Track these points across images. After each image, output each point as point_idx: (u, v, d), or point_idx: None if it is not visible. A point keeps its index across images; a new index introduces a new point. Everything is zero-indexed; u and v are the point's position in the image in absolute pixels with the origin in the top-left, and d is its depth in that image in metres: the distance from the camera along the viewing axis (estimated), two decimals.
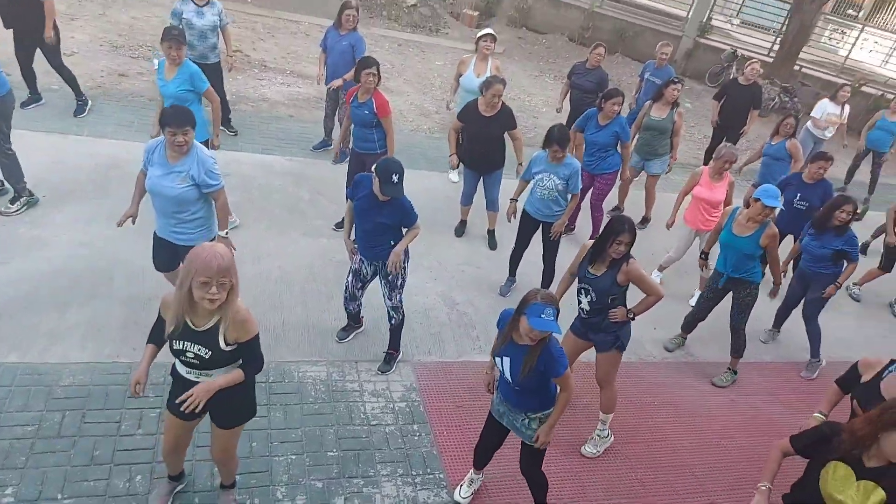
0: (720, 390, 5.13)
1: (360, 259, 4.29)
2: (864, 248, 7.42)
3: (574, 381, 3.28)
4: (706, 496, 4.17)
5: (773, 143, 6.85)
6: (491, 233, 6.38)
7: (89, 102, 6.73)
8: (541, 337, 2.99)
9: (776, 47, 14.06)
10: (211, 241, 4.00)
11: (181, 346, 2.72)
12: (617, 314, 3.95)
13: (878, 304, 6.96)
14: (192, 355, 2.73)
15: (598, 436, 4.31)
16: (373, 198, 4.01)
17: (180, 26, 5.99)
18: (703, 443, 4.59)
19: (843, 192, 6.12)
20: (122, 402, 3.80)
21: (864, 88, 13.34)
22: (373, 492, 3.67)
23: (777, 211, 4.67)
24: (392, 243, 4.13)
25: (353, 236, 4.35)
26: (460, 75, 6.86)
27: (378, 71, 5.29)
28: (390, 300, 4.34)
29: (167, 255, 4.11)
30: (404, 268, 4.26)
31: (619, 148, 6.18)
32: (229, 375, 2.81)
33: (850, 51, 15.06)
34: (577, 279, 4.05)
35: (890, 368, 3.43)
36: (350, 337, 4.73)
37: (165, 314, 2.78)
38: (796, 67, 13.63)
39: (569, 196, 5.17)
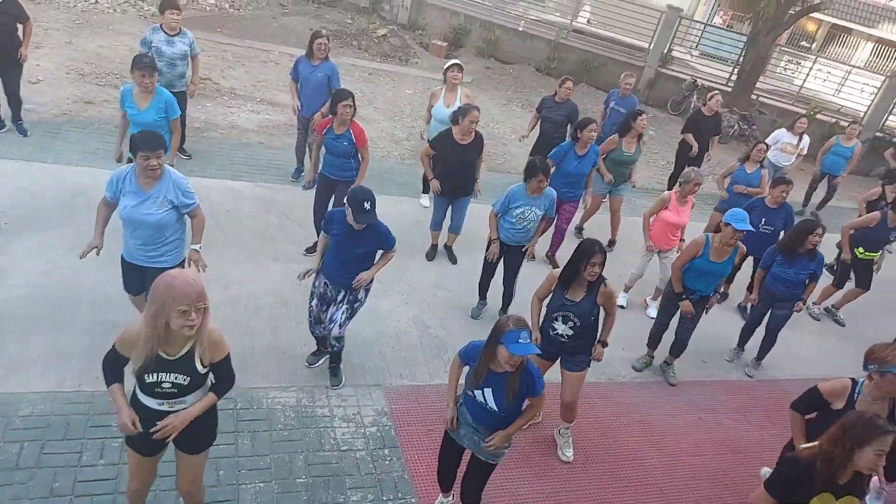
0: (687, 410, 5.20)
1: (325, 283, 4.29)
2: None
3: (544, 402, 3.32)
4: None
5: (749, 172, 7.02)
6: (449, 249, 6.52)
7: (5, 127, 6.60)
8: (521, 361, 3.01)
9: (734, 77, 14.60)
10: (180, 263, 3.99)
11: (155, 378, 2.66)
12: (600, 353, 4.15)
13: (836, 325, 7.17)
14: (170, 385, 2.68)
15: (565, 439, 4.47)
16: (349, 229, 4.04)
17: (150, 54, 5.99)
18: (672, 461, 4.64)
19: (807, 217, 6.26)
20: (83, 433, 3.71)
21: (818, 116, 13.90)
22: None
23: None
24: (365, 268, 4.18)
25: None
26: (431, 107, 6.95)
27: (354, 102, 5.36)
28: (340, 329, 4.27)
29: (137, 278, 4.06)
30: (365, 291, 4.31)
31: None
32: (204, 401, 2.79)
33: (804, 81, 15.69)
34: (549, 309, 4.09)
35: (857, 390, 3.52)
36: (320, 362, 4.69)
37: (127, 352, 2.70)
38: (754, 96, 14.16)
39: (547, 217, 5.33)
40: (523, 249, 5.38)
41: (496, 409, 3.15)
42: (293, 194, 6.86)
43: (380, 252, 4.26)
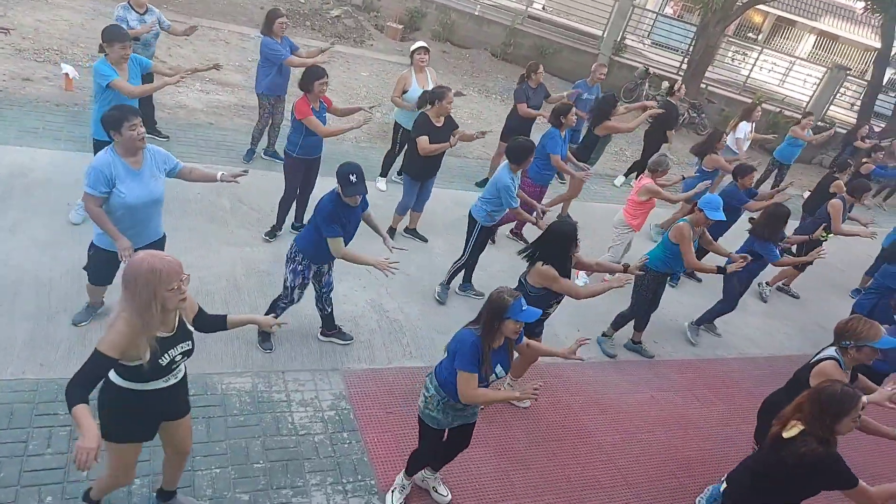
0: (639, 389, 5.34)
1: (317, 269, 4.45)
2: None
3: None
4: (630, 487, 4.32)
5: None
6: (414, 230, 6.56)
7: None
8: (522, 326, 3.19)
9: (684, 66, 14.93)
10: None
11: (168, 357, 2.65)
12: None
13: (782, 304, 7.47)
14: (181, 356, 2.74)
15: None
16: (350, 209, 4.17)
17: None
18: (626, 438, 4.76)
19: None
20: (28, 422, 3.55)
21: (764, 106, 14.36)
22: (302, 501, 3.59)
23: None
24: None
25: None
26: (405, 92, 6.82)
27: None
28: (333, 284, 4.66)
29: (113, 267, 3.96)
30: None
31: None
32: (243, 316, 3.21)
33: (750, 71, 16.17)
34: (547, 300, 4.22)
35: (842, 366, 3.67)
36: (274, 347, 4.65)
37: (127, 353, 2.51)
38: (703, 85, 14.52)
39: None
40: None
41: (506, 373, 3.42)
42: (247, 177, 6.67)
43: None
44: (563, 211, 7.70)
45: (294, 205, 5.92)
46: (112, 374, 2.62)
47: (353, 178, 3.98)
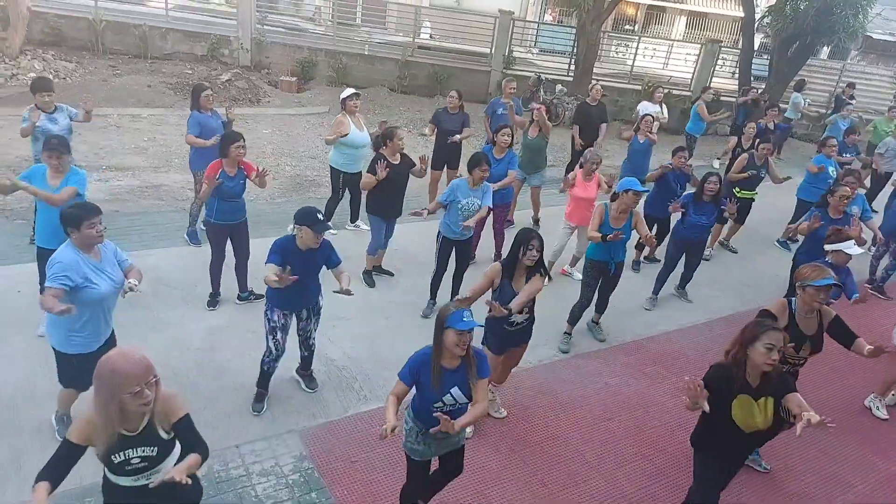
0: (594, 379, 5.45)
1: (283, 314, 4.38)
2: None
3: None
4: (602, 475, 4.38)
5: (640, 141, 7.96)
6: (379, 267, 6.66)
7: None
8: (468, 342, 3.11)
9: (573, 67, 15.59)
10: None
11: (123, 457, 2.54)
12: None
13: (709, 271, 7.81)
14: (139, 460, 2.58)
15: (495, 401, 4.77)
16: (303, 253, 4.19)
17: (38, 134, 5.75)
18: (590, 430, 4.83)
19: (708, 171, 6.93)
20: None
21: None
22: None
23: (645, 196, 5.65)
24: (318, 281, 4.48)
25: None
26: (344, 135, 6.97)
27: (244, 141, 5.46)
28: (314, 336, 4.69)
29: (78, 368, 3.76)
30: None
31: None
32: (189, 460, 2.59)
33: (633, 60, 17.04)
34: (500, 301, 4.16)
35: (793, 307, 3.93)
36: (265, 407, 4.63)
37: (87, 441, 2.52)
38: (594, 81, 15.16)
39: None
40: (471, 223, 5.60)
41: (467, 401, 3.23)
42: (161, 258, 6.49)
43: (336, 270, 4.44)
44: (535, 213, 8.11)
45: (235, 274, 5.84)
46: None
47: (320, 216, 4.12)
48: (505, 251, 4.88)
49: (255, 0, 14.12)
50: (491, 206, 5.92)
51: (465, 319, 3.04)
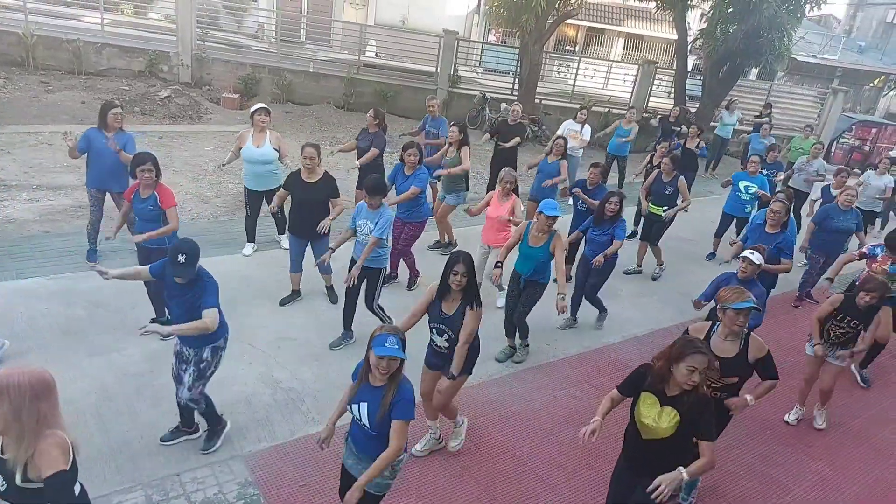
0: (541, 393, 5.51)
1: (178, 341, 4.12)
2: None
3: (405, 439, 3.14)
4: (551, 490, 4.42)
5: (549, 161, 7.95)
6: (330, 288, 6.52)
7: None
8: (389, 368, 2.99)
9: (517, 87, 15.90)
10: None
11: None
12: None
13: (648, 284, 8.04)
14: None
15: (456, 429, 4.63)
16: (178, 286, 3.89)
17: None
18: (539, 444, 4.87)
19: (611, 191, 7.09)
20: None
21: (594, 108, 15.57)
22: None
23: (558, 219, 5.44)
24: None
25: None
26: (240, 148, 6.85)
27: (155, 165, 5.16)
28: (189, 391, 4.07)
29: None
30: (219, 359, 4.16)
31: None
32: None
33: (574, 80, 17.52)
34: (429, 321, 4.15)
35: (714, 330, 3.94)
36: (177, 440, 4.37)
37: None
38: (537, 101, 15.52)
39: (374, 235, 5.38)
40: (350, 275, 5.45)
41: (368, 425, 3.10)
42: (98, 279, 6.12)
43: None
44: (444, 238, 8.03)
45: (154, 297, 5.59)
46: None
47: (181, 258, 3.74)
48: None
49: (195, 16, 13.87)
50: (420, 187, 6.35)
51: (385, 345, 2.95)
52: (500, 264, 5.61)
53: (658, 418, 3.20)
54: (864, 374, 6.29)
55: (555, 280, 5.45)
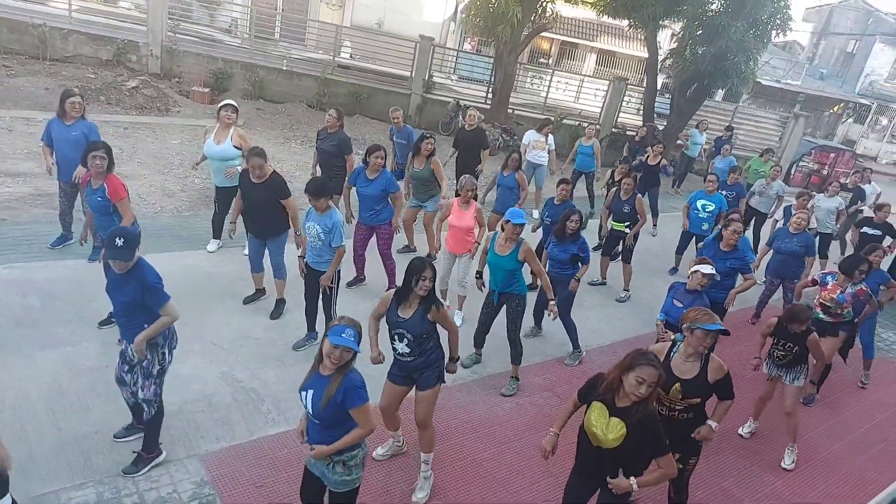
0: (505, 400, 5.53)
1: (124, 340, 3.95)
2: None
3: (375, 420, 3.25)
4: (512, 495, 4.43)
5: (504, 175, 7.94)
6: (279, 302, 6.19)
7: None
8: (340, 359, 3.02)
9: (490, 96, 16.02)
10: None
11: None
12: (452, 369, 4.38)
13: (613, 295, 8.16)
14: None
15: (425, 478, 4.31)
16: (114, 274, 3.76)
17: None
18: (500, 450, 4.89)
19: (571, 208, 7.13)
20: None
21: (565, 122, 15.77)
22: None
23: (524, 228, 5.44)
24: (145, 326, 3.78)
25: None
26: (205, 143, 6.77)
27: (108, 154, 5.01)
28: (142, 391, 3.91)
29: None
30: (162, 355, 3.94)
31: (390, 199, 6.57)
32: None
33: (547, 92, 17.73)
34: (388, 327, 4.10)
35: (675, 349, 3.98)
36: (130, 438, 4.23)
37: None
38: (510, 111, 15.66)
39: (332, 247, 5.27)
40: (321, 280, 5.35)
41: (311, 412, 3.12)
42: (55, 269, 6.06)
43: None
44: (410, 244, 8.00)
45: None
46: None
47: (118, 241, 3.58)
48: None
49: (166, 6, 13.62)
50: (396, 190, 6.45)
51: (342, 335, 3.01)
52: (480, 274, 5.71)
53: (606, 429, 3.25)
54: (809, 397, 6.42)
55: (532, 288, 5.47)
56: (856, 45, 31.79)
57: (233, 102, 6.93)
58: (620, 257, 8.17)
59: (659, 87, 17.30)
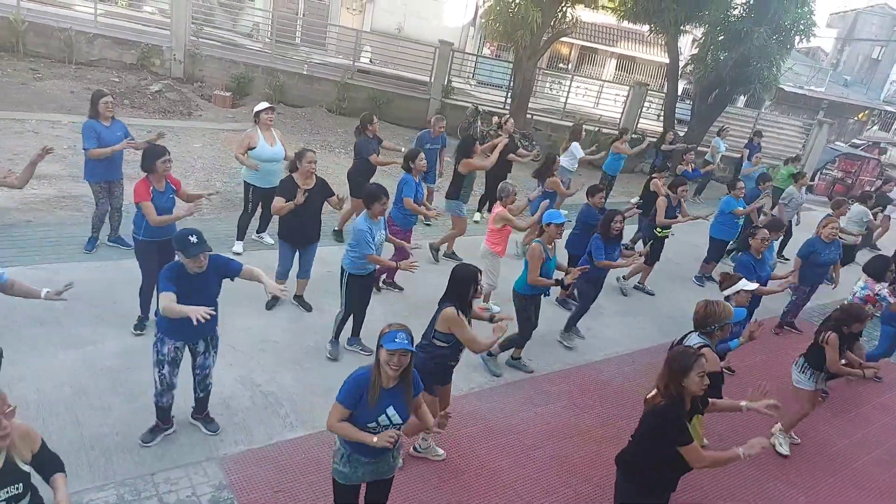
0: (523, 407, 5.48)
1: (174, 347, 4.09)
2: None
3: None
4: None
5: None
6: (300, 298, 6.35)
7: None
8: (400, 364, 3.08)
9: (509, 101, 15.99)
10: None
11: None
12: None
13: (632, 299, 8.08)
14: (5, 502, 2.43)
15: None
16: (193, 277, 3.92)
17: None
18: (518, 459, 4.84)
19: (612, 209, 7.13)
20: None
21: (584, 127, 15.67)
22: None
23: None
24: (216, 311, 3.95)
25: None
26: (251, 149, 6.76)
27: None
28: (211, 374, 4.37)
29: None
30: (155, 351, 4.15)
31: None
32: (60, 488, 2.65)
33: (566, 98, 17.67)
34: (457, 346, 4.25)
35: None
36: (157, 440, 4.30)
37: None
38: (528, 116, 15.61)
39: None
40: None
41: (402, 421, 3.22)
42: (78, 270, 6.13)
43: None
44: (449, 248, 8.08)
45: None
46: None
47: (192, 238, 3.85)
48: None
49: (189, 11, 13.80)
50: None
51: (396, 340, 3.06)
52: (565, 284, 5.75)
53: (698, 433, 3.42)
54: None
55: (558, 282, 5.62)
56: (881, 52, 31.34)
57: (271, 104, 7.10)
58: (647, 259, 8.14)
59: (680, 92, 17.16)
